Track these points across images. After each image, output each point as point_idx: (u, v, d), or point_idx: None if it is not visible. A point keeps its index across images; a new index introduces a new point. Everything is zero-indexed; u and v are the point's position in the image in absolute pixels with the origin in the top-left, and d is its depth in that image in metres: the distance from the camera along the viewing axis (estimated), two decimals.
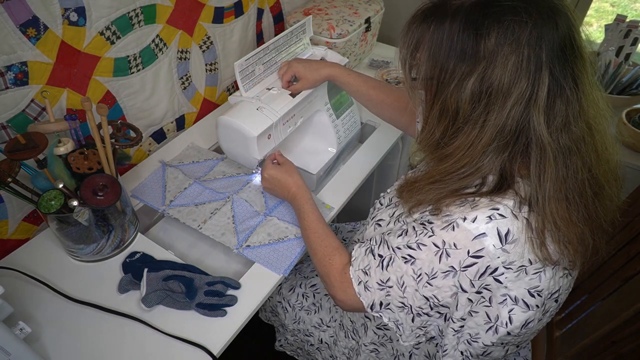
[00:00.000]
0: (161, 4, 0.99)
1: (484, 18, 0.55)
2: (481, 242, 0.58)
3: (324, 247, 0.81)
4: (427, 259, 0.62)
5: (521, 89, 0.54)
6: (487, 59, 0.55)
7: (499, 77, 0.55)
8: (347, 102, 1.17)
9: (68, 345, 0.76)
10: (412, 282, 0.65)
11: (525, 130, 0.57)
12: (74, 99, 0.92)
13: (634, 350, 0.76)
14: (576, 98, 0.56)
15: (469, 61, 0.56)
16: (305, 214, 0.86)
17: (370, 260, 0.70)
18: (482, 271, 0.59)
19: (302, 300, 1.03)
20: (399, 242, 0.66)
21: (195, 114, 1.25)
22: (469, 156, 0.59)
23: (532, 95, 0.55)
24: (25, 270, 0.84)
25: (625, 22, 1.28)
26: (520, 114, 0.56)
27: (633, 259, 0.85)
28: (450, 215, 0.60)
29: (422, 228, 0.63)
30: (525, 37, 0.53)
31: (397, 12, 1.60)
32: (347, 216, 1.54)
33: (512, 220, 0.58)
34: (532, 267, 0.59)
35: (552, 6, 0.55)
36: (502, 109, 0.56)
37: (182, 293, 0.80)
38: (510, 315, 0.61)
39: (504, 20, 0.54)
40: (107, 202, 0.78)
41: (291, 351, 1.16)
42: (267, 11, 1.34)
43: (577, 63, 0.56)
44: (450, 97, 0.59)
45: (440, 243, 0.61)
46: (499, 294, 0.60)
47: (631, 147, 1.22)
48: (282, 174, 0.92)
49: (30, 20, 0.78)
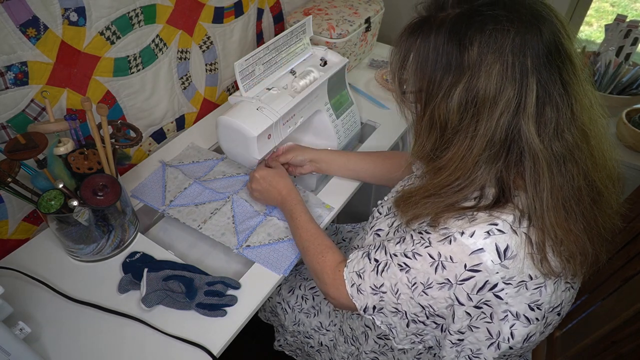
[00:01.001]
0: (161, 4, 0.99)
1: (467, 28, 0.55)
2: (479, 257, 0.57)
3: (316, 245, 0.80)
4: (422, 269, 0.62)
5: (508, 96, 0.54)
6: (472, 69, 0.55)
7: (485, 86, 0.55)
8: (347, 102, 1.17)
9: (68, 345, 0.76)
10: (407, 290, 0.64)
11: (516, 139, 0.56)
12: (74, 99, 0.92)
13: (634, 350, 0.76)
14: (567, 104, 0.55)
15: (455, 72, 0.57)
16: (297, 215, 0.86)
17: (366, 264, 0.70)
18: (480, 285, 0.58)
19: (302, 302, 1.03)
20: (396, 249, 0.66)
21: (195, 114, 1.25)
22: (462, 168, 0.59)
23: (519, 103, 0.55)
24: (25, 270, 0.84)
25: (625, 22, 1.28)
26: (509, 123, 0.56)
27: (633, 259, 0.85)
28: (448, 229, 0.60)
29: (419, 237, 0.63)
30: (508, 44, 0.53)
31: (397, 12, 1.60)
32: (347, 217, 1.54)
33: (511, 235, 0.57)
34: (532, 282, 0.59)
35: (535, 13, 0.55)
36: (490, 118, 0.56)
37: (182, 293, 0.80)
38: (512, 330, 0.61)
39: (486, 30, 0.54)
40: (107, 202, 0.78)
41: (290, 351, 1.16)
42: (267, 11, 1.34)
43: (566, 69, 0.55)
44: (438, 108, 0.59)
45: (436, 255, 0.60)
46: (500, 310, 0.60)
47: (631, 147, 1.22)
48: (274, 175, 0.92)
49: (30, 20, 0.78)
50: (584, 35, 2.86)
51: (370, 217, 0.82)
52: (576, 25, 1.46)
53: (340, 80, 1.13)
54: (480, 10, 0.55)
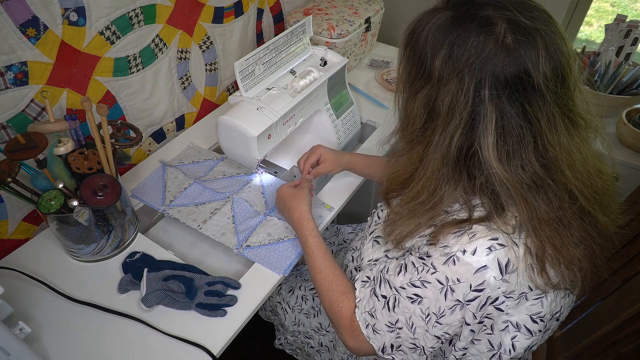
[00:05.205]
0: (161, 4, 0.99)
1: (445, 35, 0.55)
2: (482, 275, 0.56)
3: (331, 291, 0.75)
4: (433, 297, 0.60)
5: (460, 116, 0.54)
6: (434, 79, 0.57)
7: (441, 100, 0.56)
8: (347, 102, 1.17)
9: (68, 345, 0.76)
10: (422, 322, 0.62)
11: (475, 162, 0.56)
12: (74, 99, 0.92)
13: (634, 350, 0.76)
14: (530, 136, 0.54)
15: (423, 75, 0.58)
16: (310, 250, 0.81)
17: (375, 302, 0.67)
18: (483, 302, 0.58)
19: (302, 303, 1.03)
20: (401, 281, 0.64)
21: (195, 114, 1.25)
22: (424, 179, 0.60)
23: (473, 127, 0.54)
24: (25, 270, 0.84)
25: (625, 22, 1.28)
26: (462, 143, 0.56)
27: (633, 259, 0.85)
28: (449, 247, 0.58)
29: (421, 263, 0.61)
30: (466, 67, 0.53)
31: (397, 12, 1.60)
32: (347, 217, 1.54)
33: (512, 248, 0.56)
34: (532, 294, 0.59)
35: (520, 39, 0.52)
36: (444, 132, 0.56)
37: (182, 293, 0.80)
38: (514, 342, 0.61)
39: (455, 44, 0.54)
40: (107, 202, 0.78)
41: (290, 350, 1.16)
42: (267, 11, 1.34)
43: (535, 100, 0.53)
44: (407, 102, 0.62)
45: (444, 280, 0.59)
46: (500, 321, 0.60)
47: (631, 147, 1.22)
48: (290, 197, 0.88)
49: (30, 20, 0.78)
50: (584, 35, 2.86)
51: (370, 218, 0.81)
52: (576, 25, 1.46)
53: (340, 80, 1.13)
54: (468, 17, 0.54)
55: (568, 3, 1.34)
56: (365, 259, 0.76)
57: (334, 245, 1.14)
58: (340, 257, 1.04)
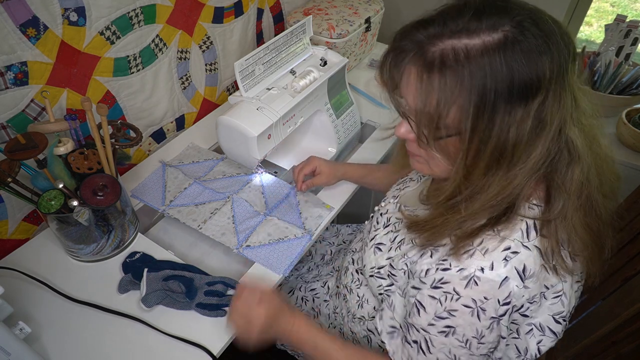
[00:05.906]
0: (161, 4, 0.99)
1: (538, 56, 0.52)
2: (507, 287, 0.56)
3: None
4: (465, 322, 0.59)
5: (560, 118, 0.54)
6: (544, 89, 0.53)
7: (549, 110, 0.53)
8: (347, 102, 1.17)
9: (68, 345, 0.76)
10: (463, 350, 0.60)
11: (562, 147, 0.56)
12: (74, 99, 0.92)
13: (634, 350, 0.76)
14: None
15: (531, 90, 0.52)
16: (325, 352, 0.73)
17: (409, 350, 0.65)
18: (510, 313, 0.58)
19: (302, 304, 1.03)
20: (427, 320, 0.61)
21: (195, 114, 1.25)
22: (502, 193, 0.57)
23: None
24: (25, 270, 0.84)
25: (625, 22, 1.28)
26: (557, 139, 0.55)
27: (633, 259, 0.85)
28: (466, 269, 0.57)
29: (442, 293, 0.59)
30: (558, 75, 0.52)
31: (397, 12, 1.60)
32: (347, 218, 1.54)
33: (525, 253, 0.56)
34: (550, 292, 0.59)
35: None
36: (545, 143, 0.54)
37: (182, 293, 0.80)
38: (539, 346, 0.61)
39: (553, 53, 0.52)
40: (107, 202, 0.78)
41: (292, 350, 1.16)
42: (267, 11, 1.34)
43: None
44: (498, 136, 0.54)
45: (471, 302, 0.58)
46: (525, 324, 0.61)
47: (631, 147, 1.22)
48: (250, 320, 0.73)
49: (30, 20, 0.78)
50: (584, 35, 2.86)
51: (369, 222, 0.80)
52: (576, 25, 1.46)
53: (340, 80, 1.13)
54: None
55: (568, 3, 1.34)
56: (367, 265, 0.75)
57: (334, 245, 1.14)
58: (340, 259, 1.04)
